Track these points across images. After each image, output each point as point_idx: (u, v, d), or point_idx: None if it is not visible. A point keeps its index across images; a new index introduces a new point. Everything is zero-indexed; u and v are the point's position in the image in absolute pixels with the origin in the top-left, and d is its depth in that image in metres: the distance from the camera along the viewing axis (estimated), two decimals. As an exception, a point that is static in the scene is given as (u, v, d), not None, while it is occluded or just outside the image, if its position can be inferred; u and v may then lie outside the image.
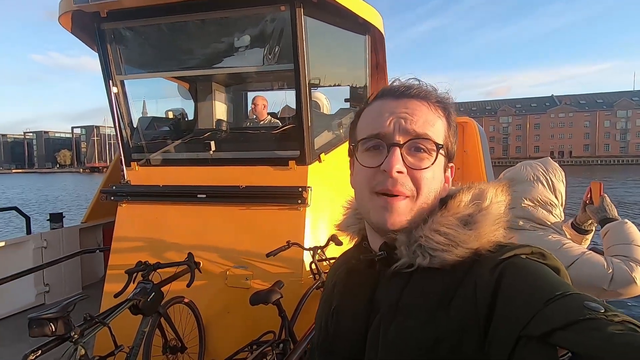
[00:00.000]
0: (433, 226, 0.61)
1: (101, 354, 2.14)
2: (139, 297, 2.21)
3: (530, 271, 0.53)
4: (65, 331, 1.76)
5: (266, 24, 3.10)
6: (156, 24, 3.19)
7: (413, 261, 0.60)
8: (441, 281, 0.58)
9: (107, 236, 4.72)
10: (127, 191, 3.30)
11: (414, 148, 0.62)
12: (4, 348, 3.23)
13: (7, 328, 3.64)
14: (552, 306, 0.46)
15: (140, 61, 3.63)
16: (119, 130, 3.35)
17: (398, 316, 0.59)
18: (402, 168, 0.60)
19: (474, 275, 0.56)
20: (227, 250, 2.97)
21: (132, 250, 3.10)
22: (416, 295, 0.59)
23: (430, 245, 0.59)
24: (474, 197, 0.65)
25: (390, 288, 0.62)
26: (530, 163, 1.62)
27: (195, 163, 3.36)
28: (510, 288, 0.51)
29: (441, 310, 0.55)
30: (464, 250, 0.58)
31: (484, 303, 0.52)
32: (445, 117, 0.67)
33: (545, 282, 0.51)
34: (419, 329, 0.56)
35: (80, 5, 2.84)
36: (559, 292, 0.47)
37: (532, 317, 0.46)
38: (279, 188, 2.96)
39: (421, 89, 0.66)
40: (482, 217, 0.62)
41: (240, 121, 4.51)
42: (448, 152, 0.67)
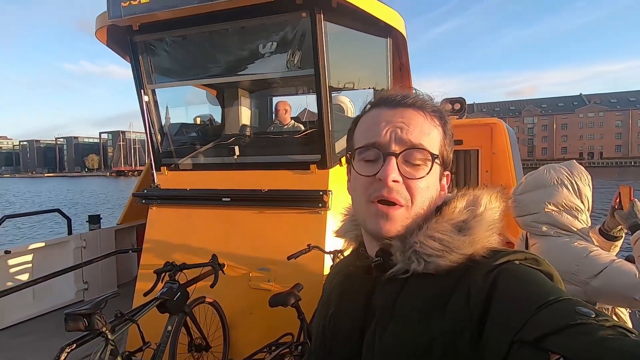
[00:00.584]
0: (428, 232, 0.62)
1: (132, 349, 2.25)
2: (166, 296, 2.31)
3: (523, 277, 0.53)
4: (98, 327, 1.87)
5: (288, 30, 3.16)
6: (184, 34, 3.34)
7: (408, 267, 0.61)
8: (436, 286, 0.59)
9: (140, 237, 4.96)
10: (156, 195, 3.46)
11: (410, 158, 0.63)
12: (46, 341, 3.47)
13: (50, 322, 3.91)
14: (544, 311, 0.46)
15: (169, 70, 3.80)
16: (149, 136, 3.52)
17: (393, 320, 0.60)
18: (398, 177, 0.62)
19: (468, 281, 0.56)
20: (249, 253, 3.04)
21: (161, 251, 3.25)
22: (411, 299, 0.60)
23: (424, 251, 0.60)
24: (468, 203, 0.65)
25: (386, 293, 0.63)
26: (554, 166, 1.56)
27: (220, 167, 3.47)
28: (503, 293, 0.52)
29: (436, 314, 0.56)
30: (458, 255, 0.59)
31: (478, 308, 0.52)
32: (441, 126, 0.67)
33: (538, 287, 0.51)
34: (414, 333, 0.57)
35: (114, 20, 3.02)
36: (552, 298, 0.48)
37: (525, 322, 0.46)
38: (300, 192, 3.00)
39: (417, 98, 0.67)
40: (476, 223, 0.62)
41: (265, 126, 4.61)
42: (444, 161, 0.68)
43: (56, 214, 4.87)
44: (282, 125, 4.06)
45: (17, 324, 3.87)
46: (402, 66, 4.50)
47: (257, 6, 2.78)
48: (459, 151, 5.10)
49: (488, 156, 4.95)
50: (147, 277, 2.82)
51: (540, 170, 1.59)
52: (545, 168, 1.58)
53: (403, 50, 3.93)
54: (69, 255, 4.48)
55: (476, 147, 5.01)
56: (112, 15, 2.99)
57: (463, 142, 5.03)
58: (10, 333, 3.73)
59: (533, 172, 1.61)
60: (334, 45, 3.05)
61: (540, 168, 1.59)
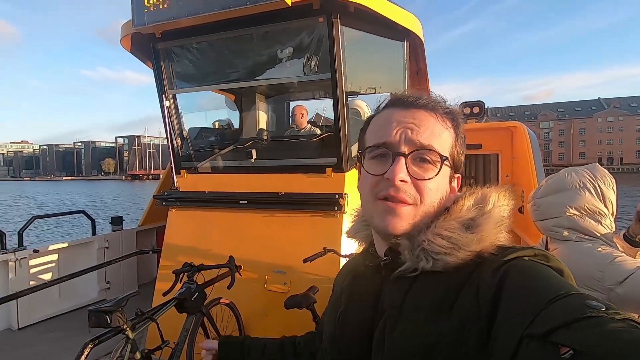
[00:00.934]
0: (436, 230, 0.62)
1: (151, 347, 2.31)
2: (184, 296, 2.36)
3: (533, 272, 0.53)
4: (119, 324, 1.92)
5: (305, 35, 3.20)
6: (204, 41, 3.43)
7: (417, 265, 0.61)
8: (444, 283, 0.59)
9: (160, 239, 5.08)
10: (176, 197, 3.54)
11: (419, 158, 0.64)
12: (70, 338, 3.60)
13: (74, 320, 4.04)
14: (554, 305, 0.46)
15: (190, 76, 3.90)
16: (170, 140, 3.62)
17: (402, 318, 0.60)
18: (406, 177, 0.62)
19: (476, 277, 0.56)
20: (266, 255, 3.07)
21: (180, 252, 3.32)
22: (420, 297, 0.60)
23: (433, 249, 0.60)
24: (476, 201, 0.66)
25: (395, 291, 0.64)
26: (576, 169, 1.51)
27: (238, 171, 3.53)
28: (512, 289, 0.51)
29: (444, 311, 0.56)
30: (467, 253, 0.59)
31: (487, 304, 0.52)
32: (453, 128, 0.68)
33: (548, 282, 0.51)
34: (423, 330, 0.57)
35: (138, 28, 3.14)
36: (562, 292, 0.47)
37: (535, 317, 0.46)
38: (316, 195, 3.01)
39: (430, 99, 0.67)
40: (484, 220, 0.62)
41: (282, 130, 4.66)
42: (454, 164, 0.68)
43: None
44: (298, 129, 4.10)
45: (44, 321, 4.02)
46: (420, 70, 4.47)
47: (275, 12, 2.83)
48: (478, 155, 5.01)
49: (508, 160, 4.84)
50: (166, 277, 2.88)
51: (561, 173, 1.54)
52: (566, 171, 1.53)
53: (420, 53, 3.91)
54: (92, 255, 4.63)
55: (496, 151, 4.91)
56: (136, 23, 3.10)
57: (482, 146, 4.94)
58: (38, 329, 3.88)
59: (553, 175, 1.57)
60: (350, 50, 3.06)
61: (561, 171, 1.55)
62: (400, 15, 3.14)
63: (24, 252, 3.98)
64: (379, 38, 3.36)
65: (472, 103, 5.22)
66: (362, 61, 3.44)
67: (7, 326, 3.85)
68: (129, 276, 5.05)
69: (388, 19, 3.02)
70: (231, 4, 2.78)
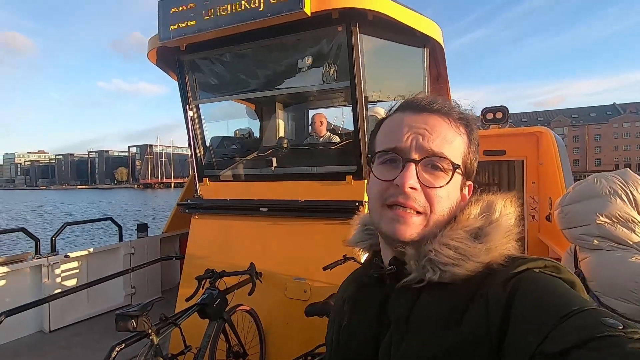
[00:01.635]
0: (442, 240, 0.59)
1: (174, 352, 2.35)
2: (206, 302, 2.40)
3: (544, 285, 0.51)
4: (144, 328, 1.98)
5: (324, 44, 3.24)
6: (226, 52, 3.53)
7: (423, 276, 0.59)
8: (452, 296, 0.56)
9: (183, 245, 5.20)
10: (198, 204, 3.63)
11: (430, 165, 0.61)
12: (98, 341, 3.72)
13: (102, 324, 4.18)
14: (567, 322, 0.44)
15: (212, 86, 4.01)
16: (193, 148, 3.72)
17: (409, 332, 0.58)
18: (416, 184, 0.60)
19: (485, 290, 0.54)
20: (286, 262, 3.08)
21: (202, 259, 3.38)
22: (426, 310, 0.58)
23: (439, 259, 0.58)
24: (482, 209, 0.63)
25: (401, 303, 0.61)
26: (605, 175, 1.45)
27: (258, 178, 3.58)
28: (523, 303, 0.49)
29: (452, 325, 0.54)
30: (475, 264, 0.57)
31: (496, 319, 0.50)
32: (466, 133, 0.65)
33: (560, 297, 0.49)
34: (430, 345, 0.55)
35: (164, 42, 3.27)
36: (575, 308, 0.45)
37: (547, 334, 0.44)
38: (336, 202, 3.01)
39: (444, 104, 0.65)
40: (493, 229, 0.60)
41: (301, 138, 4.70)
42: (466, 171, 0.66)
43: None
44: (318, 137, 4.13)
45: (74, 324, 4.17)
46: (440, 76, 4.43)
47: (295, 22, 2.88)
48: (502, 162, 4.89)
49: (534, 167, 4.69)
50: (189, 283, 2.94)
51: (589, 179, 1.48)
52: (595, 177, 1.47)
53: (441, 59, 3.87)
54: (119, 260, 4.79)
55: (521, 157, 4.77)
56: (162, 37, 3.23)
57: (506, 152, 4.81)
58: (68, 332, 4.03)
59: (581, 182, 1.51)
60: (369, 57, 3.08)
61: (589, 177, 1.49)
62: (419, 22, 3.14)
63: (57, 257, 4.16)
64: (398, 45, 3.36)
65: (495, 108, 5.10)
66: (382, 68, 3.45)
67: (40, 328, 4.01)
68: (153, 282, 5.18)
69: (407, 26, 3.02)
70: (253, 17, 2.86)
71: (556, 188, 3.99)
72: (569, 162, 4.62)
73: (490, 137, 4.80)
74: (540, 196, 4.60)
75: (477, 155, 0.68)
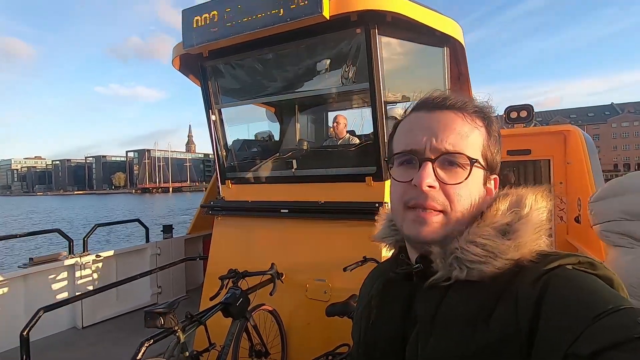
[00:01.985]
0: (469, 237, 0.58)
1: (199, 349, 2.42)
2: (230, 301, 2.46)
3: (577, 283, 0.49)
4: (171, 325, 2.05)
5: (343, 47, 3.26)
6: (247, 57, 3.61)
7: (450, 274, 0.58)
8: (480, 294, 0.55)
9: (206, 246, 5.33)
10: (221, 206, 3.72)
11: (447, 162, 0.61)
12: (127, 337, 3.87)
13: (130, 321, 4.34)
14: (601, 322, 0.42)
15: (234, 91, 4.10)
16: (215, 151, 3.82)
17: (435, 330, 0.57)
18: (434, 183, 0.59)
19: (515, 288, 0.53)
20: (307, 263, 3.11)
21: (225, 259, 3.46)
22: (454, 308, 0.57)
23: (466, 257, 0.57)
24: (511, 204, 0.61)
25: (427, 301, 0.61)
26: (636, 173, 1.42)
27: (279, 180, 3.63)
28: (554, 301, 0.48)
29: (480, 323, 0.53)
30: (504, 261, 0.55)
31: (526, 317, 0.49)
32: (484, 126, 0.64)
33: (594, 294, 0.47)
34: (458, 344, 0.54)
35: (188, 49, 3.38)
36: (610, 307, 0.44)
37: (580, 334, 0.42)
38: (356, 204, 3.02)
39: (457, 99, 0.64)
40: (522, 225, 0.58)
41: (321, 140, 4.73)
42: (488, 164, 0.64)
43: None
44: (337, 139, 4.15)
45: (104, 321, 4.35)
46: (461, 75, 4.36)
47: (314, 26, 2.92)
48: (527, 161, 4.76)
49: (561, 166, 4.54)
50: (212, 282, 3.02)
51: (623, 176, 1.46)
52: (628, 175, 1.45)
53: (461, 58, 3.82)
54: (146, 260, 4.96)
55: (547, 157, 4.63)
56: (186, 45, 3.34)
57: (531, 152, 4.68)
58: (99, 328, 4.21)
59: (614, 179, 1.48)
60: (389, 58, 3.07)
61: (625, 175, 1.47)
62: (439, 21, 3.11)
63: (89, 257, 4.36)
64: (417, 45, 3.34)
65: (519, 107, 4.97)
66: (401, 69, 3.43)
67: (73, 325, 4.22)
68: (178, 281, 5.34)
69: (426, 26, 3.00)
70: (273, 22, 2.92)
71: (585, 188, 3.84)
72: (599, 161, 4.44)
73: (514, 136, 4.68)
74: (569, 197, 4.45)
75: (499, 148, 0.66)
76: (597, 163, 4.37)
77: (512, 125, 4.99)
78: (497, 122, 0.67)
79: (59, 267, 4.16)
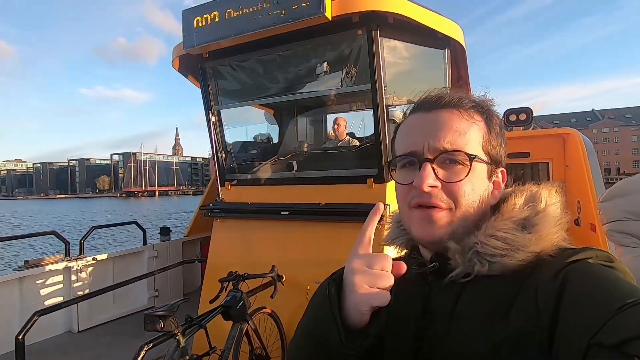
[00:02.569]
0: (488, 231, 0.59)
1: (199, 353, 2.38)
2: (230, 304, 2.42)
3: (598, 276, 0.49)
4: (171, 328, 2.01)
5: (345, 48, 3.25)
6: (247, 58, 3.59)
7: (470, 270, 0.58)
8: (498, 288, 0.56)
9: (205, 249, 5.28)
10: (220, 208, 3.68)
11: (448, 161, 0.61)
12: (126, 341, 3.81)
13: (127, 325, 4.28)
14: (626, 313, 0.42)
15: (233, 92, 4.08)
16: (215, 153, 3.79)
17: (454, 325, 0.58)
18: (435, 182, 0.60)
19: (535, 281, 0.53)
20: (307, 265, 3.08)
21: (225, 261, 3.42)
22: (473, 303, 0.57)
23: (487, 251, 0.57)
24: (527, 199, 0.62)
25: (445, 298, 0.61)
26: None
27: (279, 182, 3.60)
28: (576, 294, 0.48)
29: (499, 317, 0.53)
30: (526, 254, 0.56)
31: (548, 310, 0.49)
32: (483, 120, 0.65)
33: (616, 287, 0.47)
34: (477, 339, 0.54)
35: (188, 50, 3.36)
36: (632, 299, 0.44)
37: (604, 324, 0.43)
38: (357, 205, 3.00)
39: (453, 96, 0.65)
40: (541, 219, 0.59)
41: (321, 142, 4.71)
42: (491, 158, 0.64)
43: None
44: (337, 141, 4.13)
45: (101, 325, 4.29)
46: (461, 78, 4.37)
47: (316, 27, 2.91)
48: (525, 164, 4.76)
49: (561, 169, 4.55)
50: (212, 285, 2.98)
51: (631, 177, 1.45)
52: (636, 176, 1.43)
53: (462, 61, 3.82)
54: (143, 263, 4.91)
55: (546, 160, 4.64)
56: (186, 45, 3.32)
57: (531, 155, 4.69)
58: (95, 332, 4.15)
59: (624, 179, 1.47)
60: (390, 60, 3.07)
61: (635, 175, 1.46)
62: (441, 23, 3.11)
63: (85, 260, 4.30)
64: (419, 47, 3.34)
65: (518, 110, 4.99)
66: (402, 71, 3.42)
67: (69, 329, 4.15)
68: (176, 285, 5.28)
69: (428, 28, 3.00)
70: (274, 23, 2.90)
71: (585, 191, 3.85)
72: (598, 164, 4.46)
73: (513, 139, 4.69)
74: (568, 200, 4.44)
75: (501, 140, 0.67)
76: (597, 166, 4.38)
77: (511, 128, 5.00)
78: (498, 115, 0.67)
79: (55, 270, 4.09)
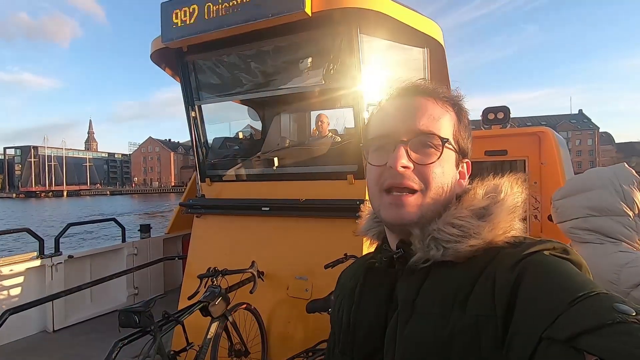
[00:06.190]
0: (447, 219, 0.61)
1: (177, 349, 2.36)
2: (208, 300, 2.41)
3: (552, 268, 0.50)
4: (147, 324, 1.99)
5: (326, 45, 3.26)
6: (228, 53, 3.55)
7: (427, 255, 0.60)
8: (458, 277, 0.57)
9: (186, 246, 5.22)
10: (200, 204, 3.65)
11: (420, 144, 0.63)
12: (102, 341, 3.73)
13: (105, 324, 4.20)
14: (577, 307, 0.43)
15: (214, 87, 4.04)
16: (195, 149, 3.74)
17: (415, 313, 0.59)
18: (408, 163, 0.61)
19: (492, 271, 0.54)
20: (288, 261, 3.09)
21: (205, 257, 3.39)
22: (433, 291, 0.59)
23: (442, 237, 0.59)
24: (488, 190, 0.64)
25: (408, 285, 0.62)
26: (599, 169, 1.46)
27: (260, 178, 3.60)
28: (531, 286, 0.49)
29: (457, 306, 0.54)
30: (477, 240, 0.57)
31: (503, 301, 0.49)
32: (454, 111, 0.67)
33: (570, 280, 0.48)
34: (435, 326, 0.55)
35: (167, 43, 3.30)
36: (585, 292, 0.44)
37: (556, 318, 0.43)
38: (337, 201, 3.02)
39: (428, 86, 0.67)
40: (497, 208, 0.61)
41: (303, 138, 4.72)
42: (460, 148, 0.67)
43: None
44: (319, 137, 4.15)
45: (78, 324, 4.19)
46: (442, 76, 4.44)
47: (296, 23, 2.91)
48: (504, 162, 4.89)
49: (536, 167, 4.69)
50: (192, 281, 2.96)
51: (584, 174, 1.50)
52: (589, 171, 1.49)
53: (441, 60, 3.89)
54: (122, 261, 4.81)
55: (523, 157, 4.77)
56: (165, 39, 3.26)
57: (508, 152, 4.82)
58: (71, 331, 4.05)
59: (576, 176, 1.52)
60: (370, 57, 3.09)
61: (585, 171, 1.51)
62: (420, 22, 3.15)
63: (60, 257, 4.19)
64: (399, 45, 3.38)
65: (496, 108, 5.11)
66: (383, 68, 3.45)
67: (43, 328, 4.04)
68: (156, 282, 5.20)
69: (408, 26, 3.04)
70: (254, 17, 2.89)
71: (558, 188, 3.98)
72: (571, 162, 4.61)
73: (491, 137, 4.81)
74: (543, 196, 4.60)
75: (469, 134, 0.69)
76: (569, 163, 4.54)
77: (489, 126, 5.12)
78: (467, 111, 0.70)
79: (29, 269, 3.98)
